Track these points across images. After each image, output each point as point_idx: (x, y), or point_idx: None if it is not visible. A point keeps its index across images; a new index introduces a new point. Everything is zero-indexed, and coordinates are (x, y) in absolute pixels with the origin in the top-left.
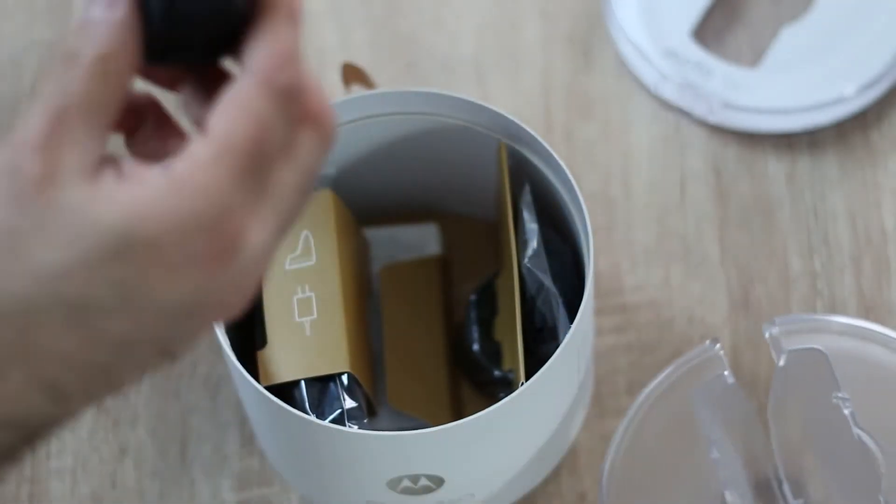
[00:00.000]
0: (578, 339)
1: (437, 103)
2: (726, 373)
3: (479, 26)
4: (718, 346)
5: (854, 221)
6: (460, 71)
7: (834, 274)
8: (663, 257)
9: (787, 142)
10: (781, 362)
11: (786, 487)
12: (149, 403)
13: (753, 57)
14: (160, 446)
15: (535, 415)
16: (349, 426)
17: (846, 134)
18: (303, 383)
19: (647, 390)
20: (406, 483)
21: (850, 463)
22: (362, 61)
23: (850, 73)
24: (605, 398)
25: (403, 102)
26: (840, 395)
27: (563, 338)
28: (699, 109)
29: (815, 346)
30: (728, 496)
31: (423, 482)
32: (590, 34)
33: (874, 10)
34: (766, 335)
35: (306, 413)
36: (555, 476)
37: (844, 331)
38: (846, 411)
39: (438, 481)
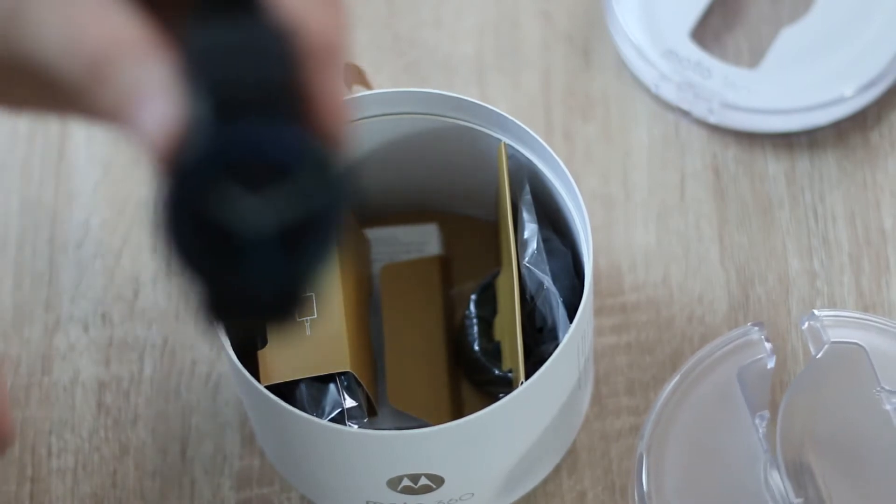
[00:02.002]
0: (578, 338)
1: (437, 103)
2: (769, 357)
3: (479, 26)
4: (758, 329)
5: (853, 221)
6: (460, 71)
7: (833, 274)
8: (663, 257)
9: (786, 142)
10: (820, 354)
11: (787, 484)
12: (149, 403)
13: (753, 57)
14: (160, 446)
15: (534, 414)
16: (349, 426)
17: (845, 134)
18: (303, 383)
19: (684, 369)
20: (406, 482)
21: (888, 459)
22: (362, 61)
23: (849, 74)
24: (604, 398)
25: (403, 102)
26: (884, 388)
27: (563, 338)
28: (699, 109)
29: (855, 341)
30: (775, 477)
31: (423, 482)
32: (590, 34)
33: (873, 10)
34: (805, 325)
35: (306, 413)
36: (555, 476)
37: (885, 328)
38: (888, 406)
39: (438, 481)
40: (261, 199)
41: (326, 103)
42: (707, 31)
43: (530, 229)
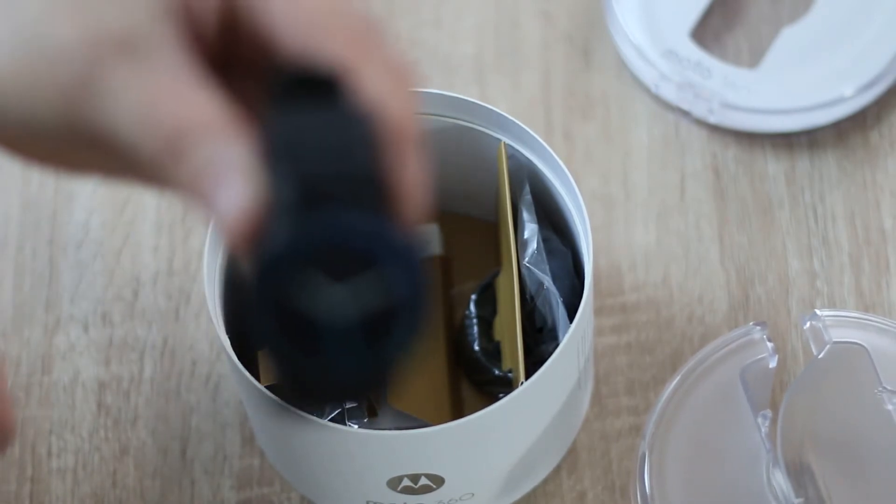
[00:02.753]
0: (578, 338)
1: (437, 103)
2: (771, 357)
3: (479, 26)
4: (760, 328)
5: (853, 221)
6: (460, 71)
7: (833, 274)
8: (663, 257)
9: (786, 142)
10: (822, 354)
11: (787, 484)
12: (149, 403)
13: (753, 57)
14: (161, 446)
15: (534, 414)
16: (349, 426)
17: (845, 134)
18: None
19: (685, 368)
20: (406, 483)
21: (889, 459)
22: None
23: (849, 74)
24: (604, 398)
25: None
26: (885, 388)
27: (563, 338)
28: (699, 109)
29: (856, 341)
30: (777, 476)
31: (424, 482)
32: (590, 34)
33: (873, 10)
34: (807, 325)
35: (306, 413)
36: (555, 476)
37: (886, 328)
38: (889, 406)
39: (439, 481)
40: (344, 288)
41: (406, 188)
42: (707, 31)
43: (530, 229)
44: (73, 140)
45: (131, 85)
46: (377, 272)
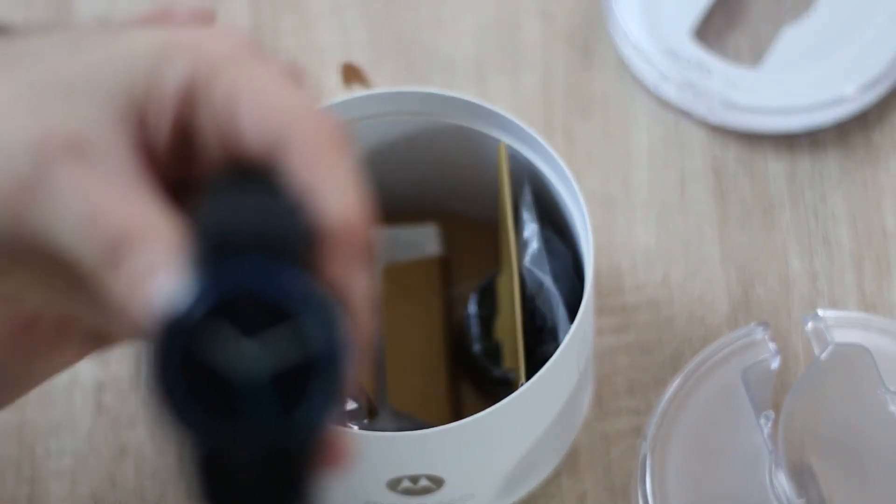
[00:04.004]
0: (578, 339)
1: (437, 103)
2: (773, 358)
3: (479, 26)
4: (762, 329)
5: (855, 221)
6: (460, 71)
7: (834, 274)
8: (663, 257)
9: (787, 142)
10: (824, 355)
11: (789, 485)
12: (148, 404)
13: (754, 57)
14: (160, 447)
15: (535, 415)
16: (349, 426)
17: (847, 134)
18: None
19: (687, 368)
20: (406, 483)
21: (891, 460)
22: (362, 61)
23: (850, 73)
24: (605, 398)
25: (403, 102)
26: (888, 389)
27: (564, 338)
28: (699, 109)
29: (859, 342)
30: (780, 477)
31: (423, 483)
32: (590, 34)
33: (875, 10)
34: (808, 326)
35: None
36: (555, 477)
37: (888, 329)
38: (893, 408)
39: (439, 482)
40: (255, 342)
41: (353, 300)
42: (707, 31)
43: (530, 229)
44: (10, 250)
45: (77, 188)
46: (291, 324)
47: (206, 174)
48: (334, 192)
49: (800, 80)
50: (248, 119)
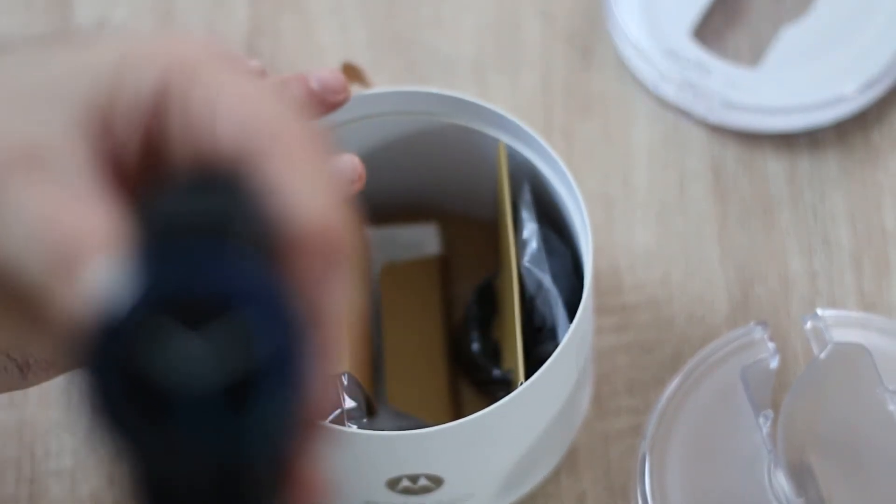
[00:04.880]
0: (577, 338)
1: (437, 103)
2: (772, 357)
3: (479, 26)
4: (761, 328)
5: (854, 221)
6: (460, 71)
7: (834, 274)
8: (663, 257)
9: (786, 141)
10: (823, 355)
11: (788, 485)
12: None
13: (753, 56)
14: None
15: (534, 415)
16: (348, 426)
17: (846, 133)
18: None
19: (686, 368)
20: (405, 483)
21: (890, 460)
22: (362, 61)
23: (850, 73)
24: (604, 398)
25: (403, 102)
26: (887, 388)
27: (563, 337)
28: (699, 109)
29: (858, 341)
30: (779, 477)
31: (423, 482)
32: (590, 34)
33: (874, 9)
34: (808, 325)
35: None
36: (554, 476)
37: (888, 328)
38: (892, 407)
39: (438, 481)
40: (196, 343)
41: (323, 313)
42: (707, 31)
43: (530, 229)
44: None
45: (30, 200)
46: (233, 318)
47: (166, 176)
48: (305, 195)
49: (799, 79)
50: (220, 124)
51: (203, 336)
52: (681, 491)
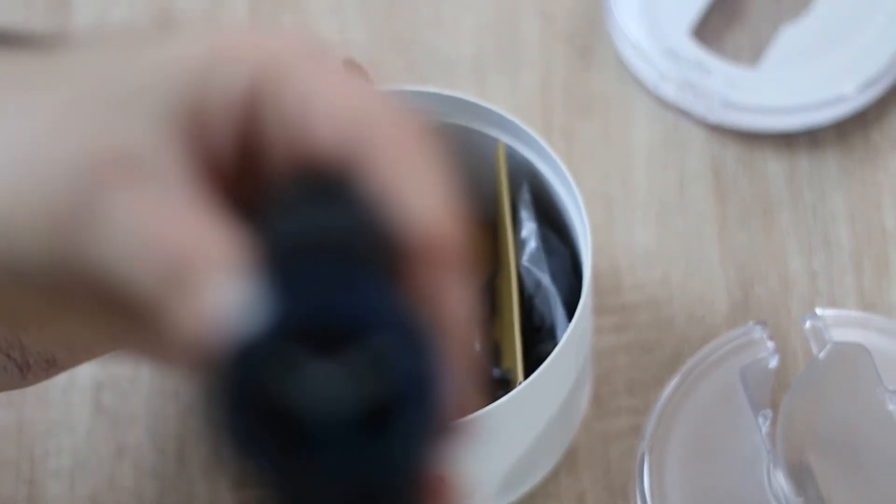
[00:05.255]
0: (576, 338)
1: (437, 103)
2: (771, 356)
3: (478, 26)
4: (761, 327)
5: (854, 221)
6: (460, 71)
7: (834, 274)
8: (663, 257)
9: (786, 141)
10: (822, 354)
11: (788, 485)
12: (147, 403)
13: (753, 56)
14: (159, 446)
15: (533, 414)
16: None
17: (846, 133)
18: None
19: (685, 368)
20: None
21: (890, 460)
22: (362, 61)
23: (850, 72)
24: (603, 398)
25: (402, 102)
26: (887, 388)
27: (562, 337)
28: (698, 109)
29: (858, 341)
30: (778, 476)
31: None
32: (590, 34)
33: (874, 8)
34: (807, 325)
35: None
36: (553, 476)
37: (887, 328)
38: (891, 407)
39: None
40: (333, 370)
41: (447, 320)
42: (707, 31)
43: (529, 229)
44: (56, 281)
45: (133, 209)
46: (371, 346)
47: (273, 185)
48: (420, 197)
49: (799, 79)
50: (322, 122)
51: (340, 363)
52: (680, 491)
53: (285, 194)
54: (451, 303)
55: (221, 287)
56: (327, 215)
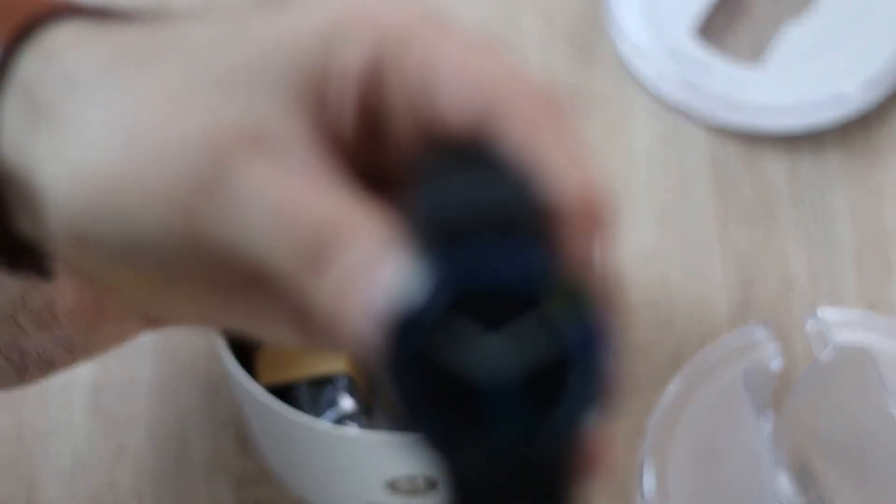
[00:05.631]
0: None
1: None
2: (773, 357)
3: (479, 25)
4: (763, 328)
5: (855, 221)
6: None
7: (835, 274)
8: (663, 257)
9: (787, 141)
10: (824, 356)
11: (790, 487)
12: (147, 404)
13: (754, 56)
14: (158, 447)
15: None
16: (348, 427)
17: (848, 133)
18: (301, 384)
19: (688, 368)
20: (405, 484)
21: (893, 461)
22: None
23: (851, 72)
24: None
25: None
26: (889, 389)
27: None
28: (699, 109)
29: (860, 343)
30: (781, 478)
31: (421, 483)
32: (590, 34)
33: (877, 8)
34: (808, 325)
35: (304, 414)
36: None
37: (889, 329)
38: (893, 408)
39: (437, 482)
40: (501, 337)
41: (596, 279)
42: (708, 30)
43: None
44: (183, 261)
45: (261, 185)
46: (540, 314)
47: (406, 159)
48: (567, 164)
49: (800, 79)
50: (449, 91)
51: (510, 332)
52: (682, 492)
53: (426, 163)
54: (604, 269)
55: (369, 258)
56: (476, 182)
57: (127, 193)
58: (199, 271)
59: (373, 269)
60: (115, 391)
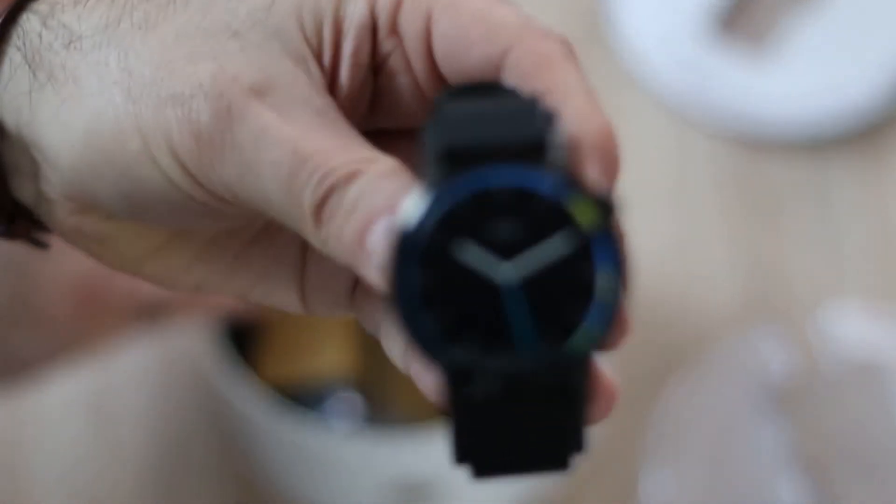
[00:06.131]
0: None
1: None
2: (781, 358)
3: None
4: (770, 328)
5: (861, 221)
6: None
7: (841, 273)
8: (664, 257)
9: (791, 141)
10: (833, 359)
11: (797, 488)
12: (148, 404)
13: (758, 59)
14: (159, 447)
15: None
16: (349, 429)
17: (852, 136)
18: (304, 385)
19: (691, 369)
20: (405, 485)
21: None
22: None
23: (857, 77)
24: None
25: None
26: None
27: None
28: (701, 110)
29: (867, 342)
30: (788, 480)
31: (423, 484)
32: (590, 34)
33: (883, 14)
34: (814, 326)
35: (306, 415)
36: (555, 478)
37: (893, 328)
38: None
39: (437, 483)
40: (519, 259)
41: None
42: (711, 33)
43: None
44: (185, 213)
45: (272, 128)
46: (560, 237)
47: (404, 122)
48: (582, 100)
49: (804, 80)
50: (471, 34)
51: (532, 231)
52: (684, 492)
53: (442, 100)
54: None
55: (368, 187)
56: (495, 108)
57: (127, 146)
58: (201, 224)
59: (385, 193)
60: (116, 391)
